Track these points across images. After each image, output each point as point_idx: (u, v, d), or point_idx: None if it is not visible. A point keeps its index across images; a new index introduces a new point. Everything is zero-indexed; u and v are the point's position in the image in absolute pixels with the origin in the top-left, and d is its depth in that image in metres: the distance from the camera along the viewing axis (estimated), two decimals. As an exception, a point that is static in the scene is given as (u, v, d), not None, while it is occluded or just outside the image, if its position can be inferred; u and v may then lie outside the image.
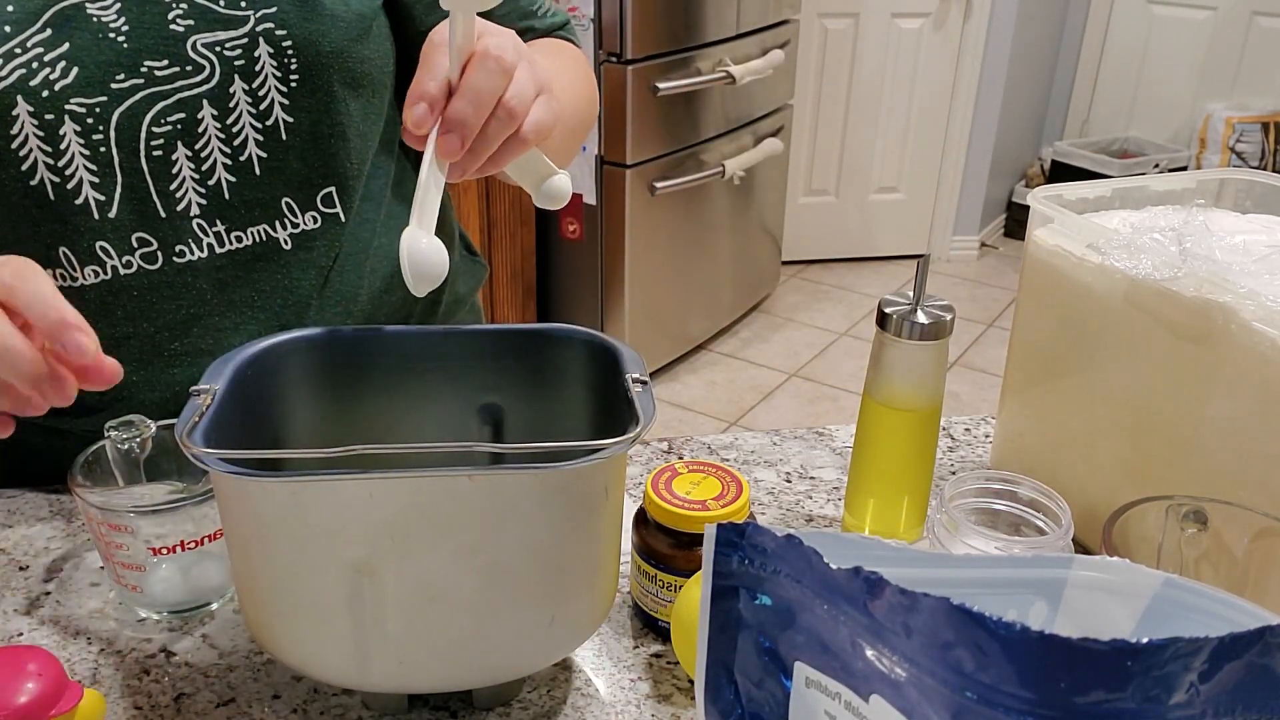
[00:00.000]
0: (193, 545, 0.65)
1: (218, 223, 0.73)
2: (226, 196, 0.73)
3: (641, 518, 0.65)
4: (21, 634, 0.66)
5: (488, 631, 0.54)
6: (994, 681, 0.33)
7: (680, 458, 0.86)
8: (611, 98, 2.43)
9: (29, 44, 0.65)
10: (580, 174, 2.53)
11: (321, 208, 0.77)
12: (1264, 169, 0.83)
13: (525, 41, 0.77)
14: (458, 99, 0.55)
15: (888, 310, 0.67)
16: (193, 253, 0.73)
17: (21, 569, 0.72)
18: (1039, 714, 0.33)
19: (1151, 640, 0.32)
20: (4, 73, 0.64)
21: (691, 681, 0.62)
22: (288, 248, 0.76)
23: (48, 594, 0.69)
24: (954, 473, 0.84)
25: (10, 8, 0.64)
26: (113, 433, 0.68)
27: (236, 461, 0.50)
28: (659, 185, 2.56)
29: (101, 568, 0.71)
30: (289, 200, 0.75)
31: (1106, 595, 0.42)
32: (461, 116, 0.55)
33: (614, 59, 2.40)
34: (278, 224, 0.75)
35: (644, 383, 0.57)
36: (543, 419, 0.66)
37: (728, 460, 0.86)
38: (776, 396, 2.80)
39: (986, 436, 0.90)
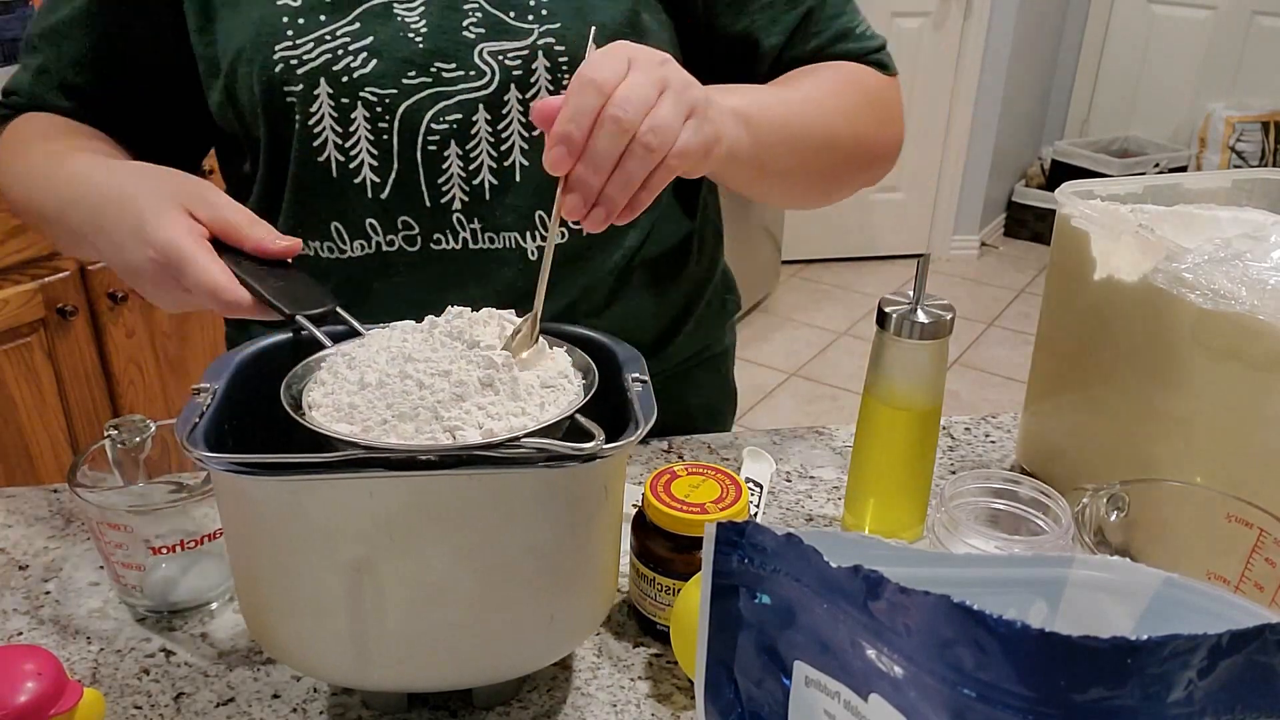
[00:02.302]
0: (192, 545, 0.65)
1: (475, 220, 0.76)
2: (487, 198, 0.76)
3: (640, 521, 0.65)
4: (21, 634, 0.66)
5: (488, 630, 0.54)
6: (994, 679, 0.33)
7: (680, 458, 0.86)
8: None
9: (338, 33, 0.71)
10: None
11: (571, 223, 0.77)
12: (1264, 169, 0.84)
13: (831, 61, 0.78)
14: (581, 165, 0.55)
15: (888, 310, 0.67)
16: (449, 243, 0.77)
17: (21, 569, 0.72)
18: (1039, 712, 0.33)
19: (1150, 637, 0.32)
20: (313, 55, 0.71)
21: (691, 681, 0.62)
22: (533, 259, 0.77)
23: (47, 593, 0.69)
24: (954, 472, 0.84)
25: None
26: (113, 432, 0.68)
27: (236, 461, 0.50)
28: (659, 185, 2.56)
29: (101, 567, 0.71)
30: (541, 214, 0.76)
31: (1106, 594, 0.42)
32: (584, 179, 0.55)
33: (614, 59, 2.40)
34: (528, 235, 0.77)
35: (644, 382, 0.57)
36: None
37: (727, 460, 0.86)
38: (776, 396, 2.80)
39: (986, 436, 0.90)
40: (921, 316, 0.66)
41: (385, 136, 0.73)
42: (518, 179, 0.75)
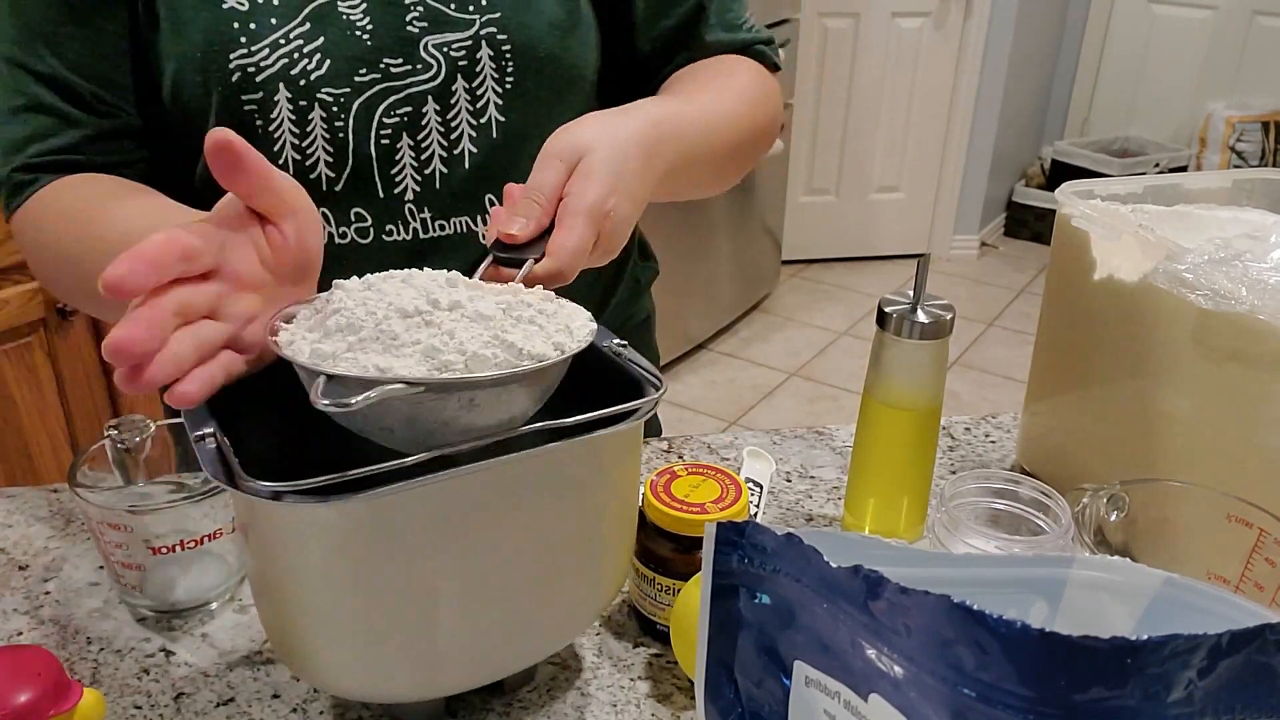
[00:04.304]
0: (192, 545, 0.65)
1: (426, 209, 0.77)
2: (438, 187, 0.77)
3: (640, 521, 0.65)
4: (21, 634, 0.66)
5: (546, 605, 0.55)
6: (994, 679, 0.33)
7: (680, 457, 0.86)
8: (611, 97, 2.43)
9: (291, 35, 0.71)
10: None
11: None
12: (1264, 169, 0.84)
13: (714, 55, 0.84)
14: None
15: (888, 310, 0.67)
16: (400, 234, 0.77)
17: (21, 569, 0.72)
18: (1039, 712, 0.33)
19: (1151, 637, 0.32)
20: (270, 61, 0.70)
21: (691, 681, 0.62)
22: (483, 242, 0.78)
23: (47, 594, 0.69)
24: (954, 473, 0.84)
25: (276, 1, 0.70)
26: (112, 432, 0.68)
27: (304, 490, 0.45)
28: (659, 185, 2.56)
29: (101, 567, 0.71)
30: (491, 196, 0.78)
31: (1107, 594, 0.42)
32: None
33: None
34: (479, 218, 0.79)
35: (625, 345, 0.58)
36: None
37: (727, 460, 0.86)
38: (776, 396, 2.80)
39: (986, 436, 0.90)
40: (921, 316, 0.66)
41: (341, 135, 0.73)
42: (467, 166, 0.77)
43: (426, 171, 0.76)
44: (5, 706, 0.51)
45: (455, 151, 0.76)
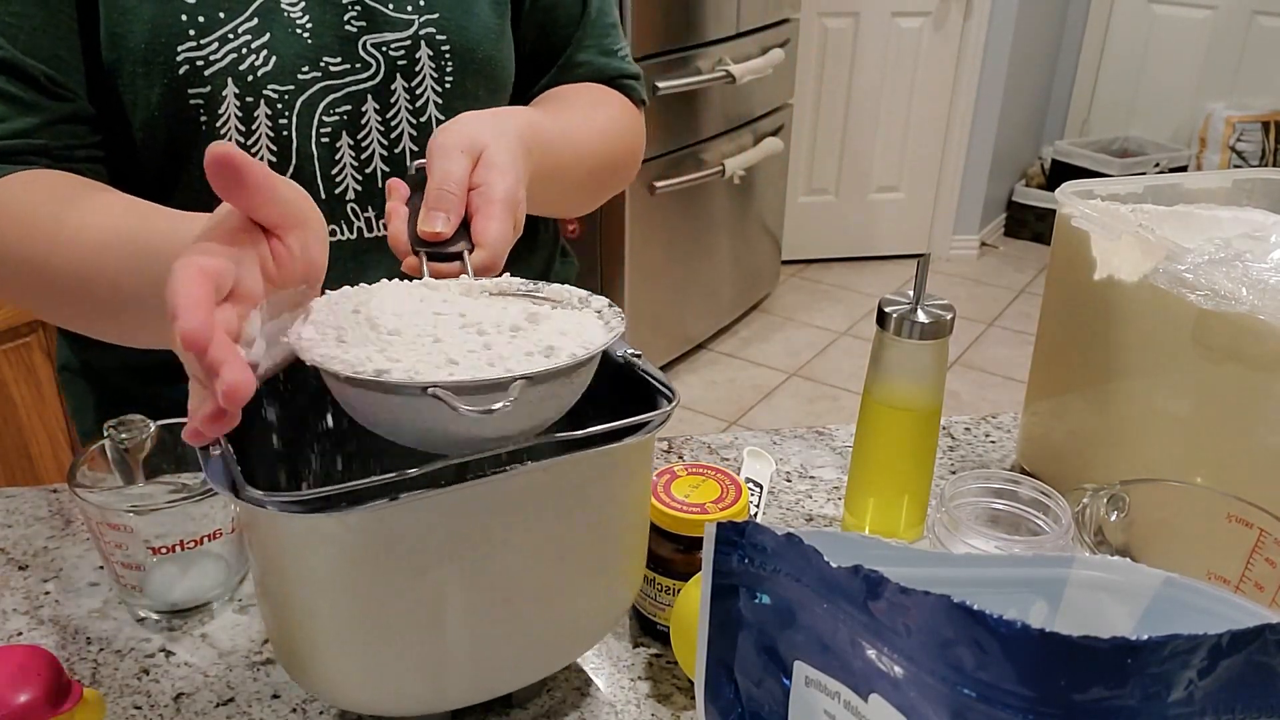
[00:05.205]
0: (192, 545, 0.65)
1: (369, 209, 0.78)
2: (379, 185, 0.77)
3: (641, 518, 0.65)
4: (21, 634, 0.66)
5: (555, 619, 0.54)
6: (994, 679, 0.33)
7: (680, 458, 0.86)
8: (611, 97, 2.43)
9: (240, 30, 0.70)
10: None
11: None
12: (1264, 169, 0.84)
13: (584, 78, 0.86)
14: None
15: (888, 310, 0.67)
16: (343, 234, 0.77)
17: (21, 569, 0.72)
18: (1039, 712, 0.33)
19: (1151, 637, 0.32)
20: (219, 55, 0.70)
21: (691, 681, 0.62)
22: (384, 229, 0.79)
23: (47, 594, 0.69)
24: (954, 473, 0.84)
25: None
26: (112, 432, 0.68)
27: (309, 502, 0.45)
28: (659, 184, 2.56)
29: (101, 567, 0.71)
30: None
31: (1106, 594, 0.42)
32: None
33: (614, 59, 2.40)
34: None
35: (638, 355, 0.58)
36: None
37: (727, 460, 0.86)
38: (776, 396, 2.80)
39: (986, 436, 0.90)
40: (921, 316, 0.66)
41: (285, 133, 0.73)
42: (409, 164, 0.77)
43: (368, 170, 0.77)
44: (5, 706, 0.51)
45: (396, 151, 0.77)
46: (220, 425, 0.43)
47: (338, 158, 0.76)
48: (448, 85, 0.77)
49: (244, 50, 0.70)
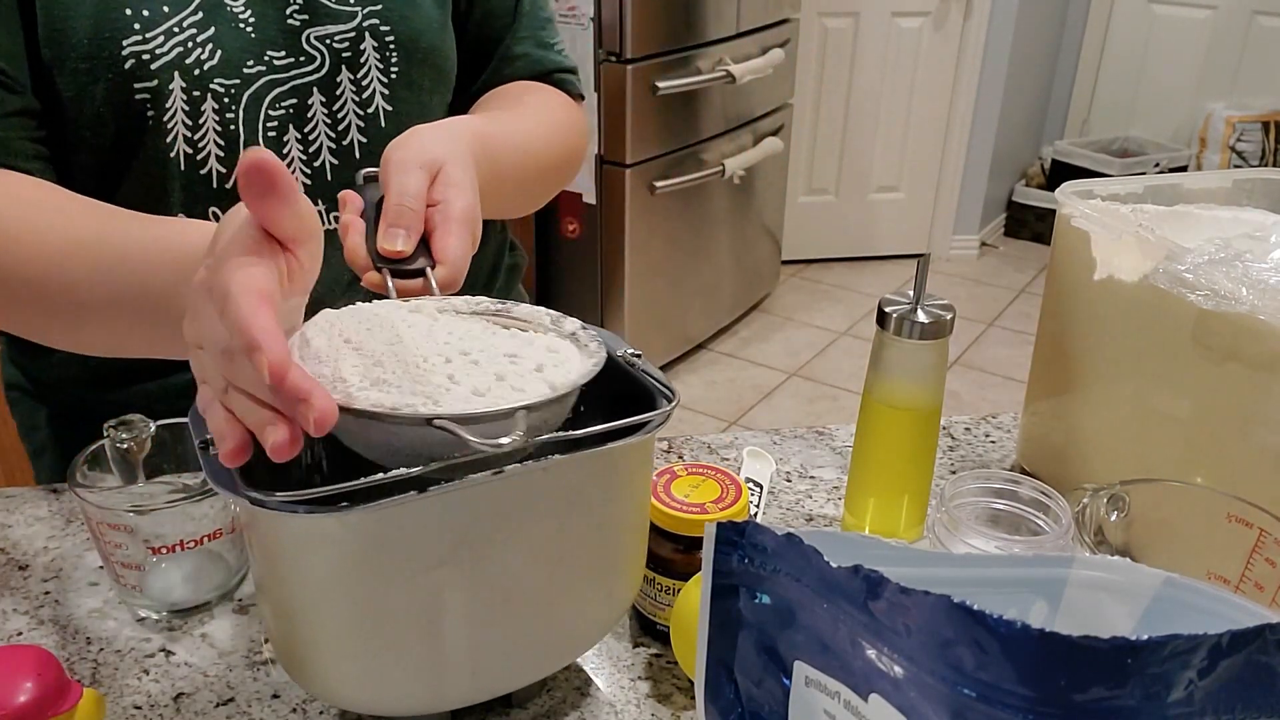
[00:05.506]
0: (192, 545, 0.65)
1: (319, 202, 0.77)
2: (329, 178, 0.77)
3: (641, 518, 0.66)
4: (21, 634, 0.66)
5: (555, 619, 0.54)
6: (994, 679, 0.33)
7: (680, 458, 0.86)
8: (611, 97, 2.43)
9: (184, 24, 0.70)
10: (580, 173, 2.52)
11: None
12: (1264, 169, 0.84)
13: (521, 72, 0.87)
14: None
15: (888, 310, 0.67)
16: None
17: (21, 569, 0.72)
18: (1039, 712, 0.33)
19: (1150, 637, 0.32)
20: (165, 49, 0.69)
21: (691, 681, 0.62)
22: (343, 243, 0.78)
23: (47, 594, 0.69)
24: (954, 473, 0.84)
25: None
26: (112, 432, 0.68)
27: (309, 501, 0.44)
28: (659, 184, 2.56)
29: (101, 567, 0.71)
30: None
31: (1106, 594, 0.42)
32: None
33: (613, 58, 2.40)
34: None
35: (638, 355, 0.58)
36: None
37: (727, 460, 0.86)
38: (776, 396, 2.80)
39: (986, 436, 0.90)
40: (921, 316, 0.66)
41: (232, 127, 0.73)
42: (358, 156, 0.78)
43: (316, 164, 0.77)
44: (5, 706, 0.51)
45: (344, 143, 0.77)
46: (294, 450, 0.43)
47: (285, 151, 0.76)
48: (393, 76, 0.78)
49: (189, 44, 0.70)
